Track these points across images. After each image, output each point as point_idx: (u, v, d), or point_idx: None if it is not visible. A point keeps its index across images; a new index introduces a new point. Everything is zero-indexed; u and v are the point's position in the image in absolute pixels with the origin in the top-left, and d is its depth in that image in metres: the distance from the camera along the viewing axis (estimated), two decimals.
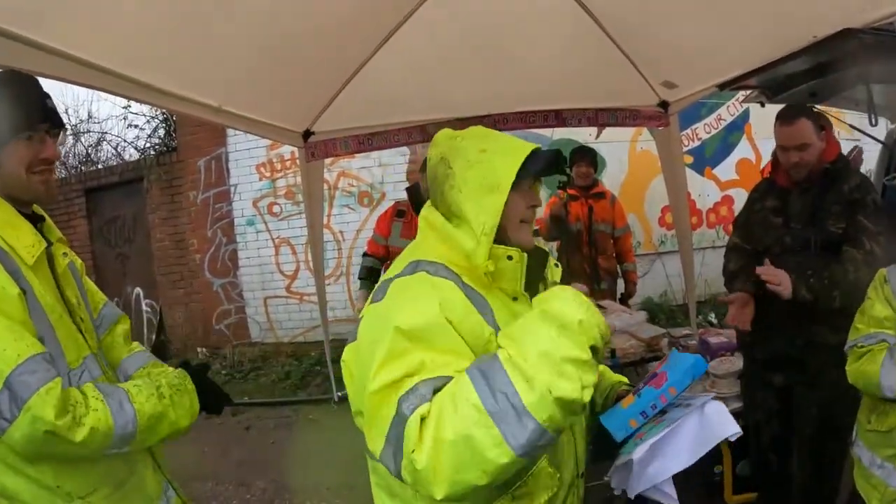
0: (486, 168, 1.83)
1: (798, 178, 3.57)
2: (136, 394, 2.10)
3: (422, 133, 5.28)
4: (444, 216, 1.90)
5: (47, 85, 2.24)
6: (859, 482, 3.03)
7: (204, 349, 10.58)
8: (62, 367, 2.00)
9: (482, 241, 1.79)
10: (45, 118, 2.13)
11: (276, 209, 10.21)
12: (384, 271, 5.72)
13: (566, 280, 2.14)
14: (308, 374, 9.33)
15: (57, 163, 2.31)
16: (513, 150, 1.86)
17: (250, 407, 8.45)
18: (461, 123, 5.23)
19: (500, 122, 5.27)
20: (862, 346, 2.91)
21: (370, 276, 5.77)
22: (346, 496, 5.38)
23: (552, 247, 7.93)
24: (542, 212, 6.80)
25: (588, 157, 6.56)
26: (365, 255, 5.93)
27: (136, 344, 2.60)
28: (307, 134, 5.08)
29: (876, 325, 2.89)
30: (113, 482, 2.09)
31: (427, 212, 1.98)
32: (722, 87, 4.56)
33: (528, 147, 1.86)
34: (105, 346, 2.44)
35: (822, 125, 3.61)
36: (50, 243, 2.19)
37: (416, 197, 5.41)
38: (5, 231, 2.01)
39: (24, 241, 2.04)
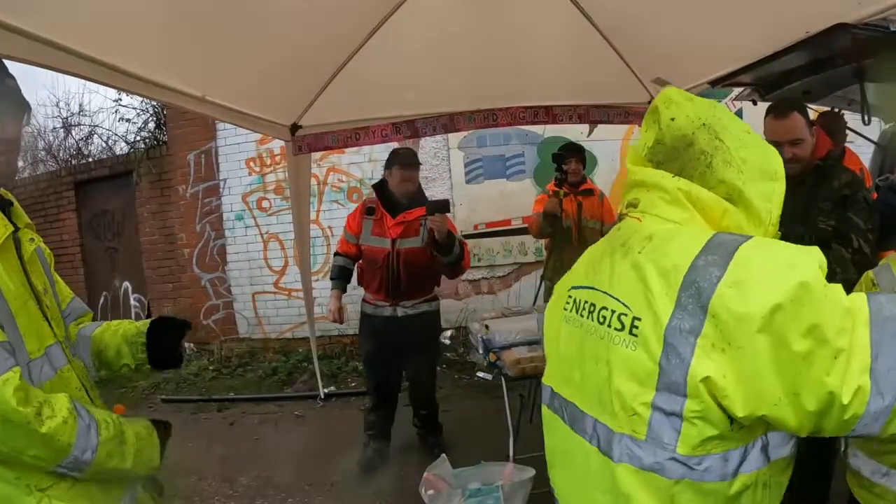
0: (761, 152, 1.83)
1: (791, 174, 3.54)
2: (104, 428, 2.05)
3: (410, 128, 5.23)
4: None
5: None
6: (861, 493, 2.94)
7: (191, 344, 10.52)
8: (22, 358, 1.95)
9: (770, 231, 1.78)
10: (3, 97, 2.04)
11: (265, 204, 10.16)
12: (357, 270, 5.75)
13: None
14: (295, 371, 9.28)
15: (23, 146, 2.30)
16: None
17: (235, 403, 8.41)
18: (450, 119, 5.23)
19: (490, 117, 5.24)
20: None
21: (342, 276, 5.73)
22: (327, 493, 5.37)
23: (541, 244, 7.90)
24: (531, 208, 6.77)
25: (578, 153, 6.53)
26: (336, 254, 5.80)
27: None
28: (294, 128, 5.04)
29: None
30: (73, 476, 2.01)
31: (686, 185, 1.81)
32: (714, 83, 4.53)
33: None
34: (71, 335, 2.44)
35: (812, 121, 3.60)
36: (17, 228, 2.13)
37: (385, 193, 5.46)
38: None
39: None
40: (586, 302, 1.93)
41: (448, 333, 9.36)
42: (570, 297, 2.03)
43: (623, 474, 1.69)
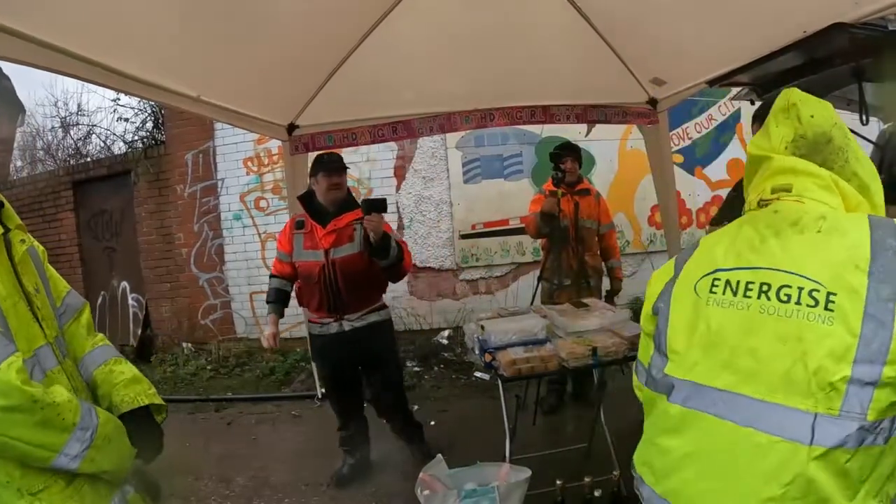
0: (867, 155, 2.00)
1: None
2: (100, 413, 2.12)
3: (407, 128, 5.22)
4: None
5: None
6: None
7: (189, 344, 10.52)
8: None
9: None
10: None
11: (263, 204, 10.16)
12: (296, 290, 5.38)
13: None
14: (292, 371, 9.26)
15: (16, 146, 2.26)
16: None
17: (233, 402, 8.40)
18: (447, 118, 5.23)
19: (487, 117, 5.24)
20: None
21: (278, 299, 5.39)
22: (323, 493, 5.34)
23: (539, 244, 7.89)
24: (528, 209, 6.76)
25: (574, 152, 6.51)
26: (271, 276, 5.43)
27: (99, 336, 2.56)
28: (291, 127, 5.04)
29: None
30: (65, 478, 2.03)
31: (834, 175, 1.97)
32: (711, 83, 4.53)
33: None
34: (68, 336, 2.44)
35: None
36: (8, 230, 2.16)
37: (312, 204, 5.09)
38: None
39: None
40: (751, 283, 1.89)
41: (445, 333, 9.35)
42: (715, 280, 1.99)
43: (815, 457, 1.66)
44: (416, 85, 4.68)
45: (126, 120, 12.41)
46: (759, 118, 3.64)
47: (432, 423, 6.70)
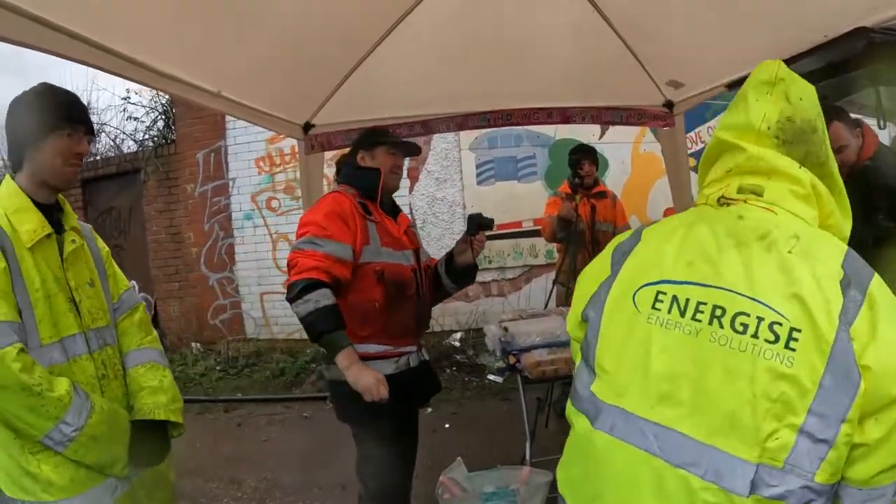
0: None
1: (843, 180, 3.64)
2: (96, 413, 2.44)
3: (424, 127, 5.20)
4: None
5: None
6: None
7: (198, 344, 10.52)
8: (33, 342, 2.35)
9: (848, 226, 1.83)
10: (83, 122, 2.58)
11: (274, 204, 10.17)
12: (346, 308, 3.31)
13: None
14: (303, 372, 9.25)
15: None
16: None
17: (242, 403, 8.41)
18: (464, 118, 5.21)
19: (503, 117, 5.22)
20: None
21: (342, 321, 3.27)
22: (338, 496, 5.30)
23: (553, 247, 7.86)
24: (542, 211, 6.74)
25: (591, 155, 6.50)
26: (314, 283, 3.12)
27: (150, 337, 2.94)
28: (307, 126, 5.02)
29: None
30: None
31: (815, 180, 1.76)
32: (730, 86, 4.50)
33: None
34: (120, 329, 2.83)
35: (858, 123, 3.64)
36: (63, 230, 2.59)
37: (370, 184, 3.57)
38: (15, 216, 2.42)
39: (28, 225, 2.42)
40: (702, 304, 1.65)
41: (458, 335, 9.33)
42: (660, 294, 1.73)
43: None
44: (434, 85, 4.66)
45: (135, 119, 12.43)
46: None
47: (447, 425, 6.69)
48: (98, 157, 12.77)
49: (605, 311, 1.84)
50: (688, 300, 1.67)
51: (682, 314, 1.67)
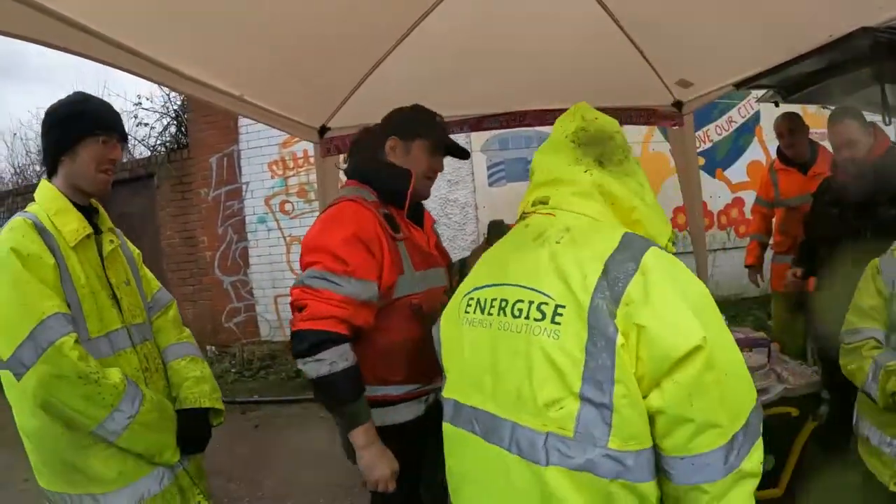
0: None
1: (850, 174, 3.80)
2: (147, 402, 2.54)
3: None
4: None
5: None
6: (870, 460, 3.08)
7: (213, 347, 10.59)
8: (82, 335, 2.44)
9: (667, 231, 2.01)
10: (117, 128, 2.70)
11: (287, 207, 10.26)
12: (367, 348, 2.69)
13: None
14: None
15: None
16: None
17: (259, 405, 8.46)
18: (477, 121, 5.27)
19: (515, 119, 5.26)
20: (849, 344, 3.03)
21: (362, 389, 2.71)
22: (359, 493, 5.31)
23: None
24: None
25: None
26: (334, 336, 2.51)
27: (186, 333, 3.11)
28: (323, 130, 5.08)
29: (860, 316, 3.01)
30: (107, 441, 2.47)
31: (601, 178, 1.95)
32: (738, 85, 4.55)
33: None
34: (155, 327, 2.97)
35: (872, 123, 3.84)
36: (100, 231, 2.72)
37: (397, 185, 2.94)
38: (57, 217, 2.53)
39: (70, 226, 2.54)
40: (494, 300, 1.88)
41: None
42: (470, 299, 1.98)
43: (555, 478, 1.61)
44: (447, 87, 4.70)
45: (146, 124, 12.53)
46: (830, 118, 3.89)
47: None
48: None
49: (442, 325, 2.14)
50: (485, 300, 1.92)
51: (483, 311, 1.90)
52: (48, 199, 2.59)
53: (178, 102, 12.29)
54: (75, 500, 2.49)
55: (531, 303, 1.75)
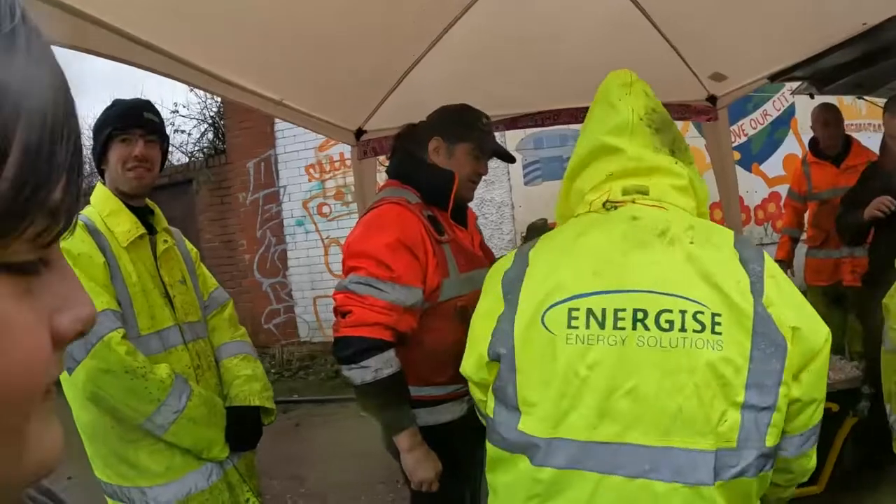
0: None
1: None
2: (196, 397, 2.57)
3: None
4: None
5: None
6: None
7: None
8: (132, 333, 2.49)
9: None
10: (138, 125, 2.68)
11: (325, 210, 10.36)
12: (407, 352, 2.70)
13: None
14: None
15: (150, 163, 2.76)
16: None
17: (299, 404, 8.55)
18: (512, 120, 5.30)
19: (550, 118, 5.28)
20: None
21: (407, 394, 2.81)
22: (399, 491, 5.38)
23: None
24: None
25: None
26: (378, 343, 2.53)
27: (241, 332, 3.15)
28: (359, 132, 5.13)
29: None
30: (155, 435, 2.52)
31: (689, 171, 1.86)
32: (773, 78, 4.54)
33: None
34: (211, 326, 3.01)
35: None
36: (155, 231, 2.79)
37: (441, 186, 2.93)
38: (110, 218, 2.61)
39: (122, 227, 2.61)
40: (620, 310, 1.60)
41: None
42: (573, 311, 1.64)
43: (720, 494, 1.50)
44: (482, 89, 4.73)
45: (183, 131, 12.69)
46: (887, 109, 3.89)
47: None
48: None
49: (516, 345, 1.70)
50: (604, 310, 1.62)
51: (602, 326, 1.61)
52: (101, 200, 2.67)
53: (214, 109, 12.45)
54: (125, 492, 2.54)
55: (683, 312, 1.56)
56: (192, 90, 12.00)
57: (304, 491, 5.79)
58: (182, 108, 13.10)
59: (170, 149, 3.09)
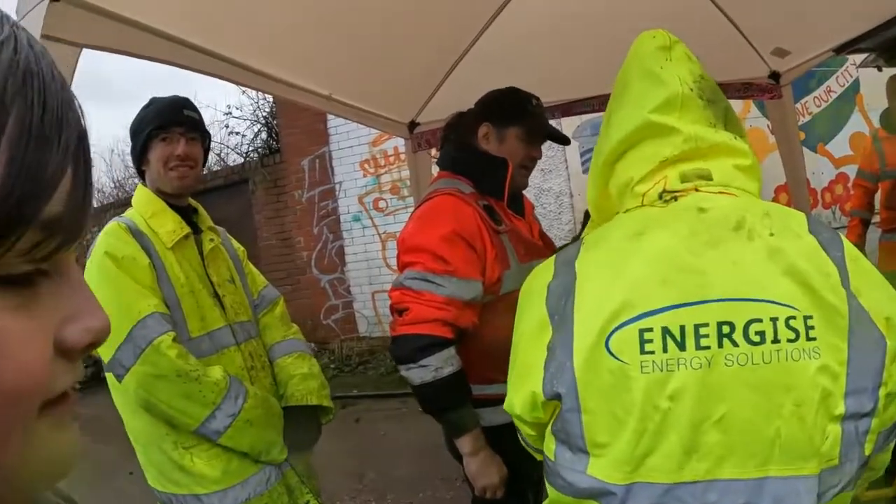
0: None
1: None
2: (251, 398, 2.49)
3: None
4: None
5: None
6: None
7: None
8: (182, 335, 2.44)
9: None
10: (178, 123, 2.61)
11: (381, 204, 10.38)
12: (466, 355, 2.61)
13: None
14: None
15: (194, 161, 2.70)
16: None
17: (359, 399, 8.58)
18: (567, 106, 5.19)
19: (607, 103, 5.17)
20: None
21: (468, 393, 2.74)
22: (459, 487, 5.31)
23: None
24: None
25: None
26: (438, 341, 2.48)
27: (293, 329, 3.09)
28: (412, 125, 5.08)
29: None
30: (211, 440, 2.45)
31: (747, 145, 1.58)
32: (838, 50, 4.36)
33: None
34: (262, 324, 2.95)
35: None
36: (200, 231, 2.74)
37: (497, 174, 2.81)
38: (153, 219, 2.55)
39: (167, 227, 2.56)
40: (702, 325, 1.35)
41: None
42: (644, 332, 1.38)
43: None
44: (536, 73, 4.63)
45: (237, 133, 12.82)
46: None
47: None
48: (205, 171, 13.24)
49: (578, 380, 1.42)
50: (682, 328, 1.36)
51: (682, 347, 1.35)
52: (143, 202, 2.62)
53: (267, 109, 12.55)
54: (180, 500, 2.46)
55: (774, 320, 1.32)
56: (244, 92, 12.20)
57: (361, 487, 5.79)
58: (235, 109, 13.15)
59: (225, 150, 3.01)
